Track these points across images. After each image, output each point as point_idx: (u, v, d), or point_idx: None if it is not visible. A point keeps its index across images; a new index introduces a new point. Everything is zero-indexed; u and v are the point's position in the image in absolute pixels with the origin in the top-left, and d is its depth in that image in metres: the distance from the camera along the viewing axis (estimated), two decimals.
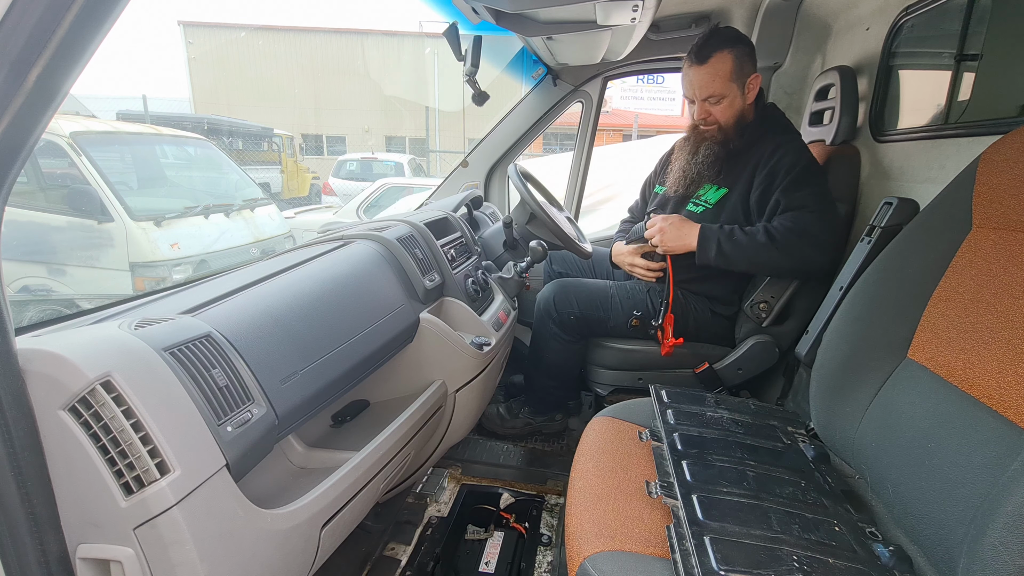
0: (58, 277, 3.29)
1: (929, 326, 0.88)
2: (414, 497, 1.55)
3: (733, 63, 1.46)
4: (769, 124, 1.55)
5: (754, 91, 1.52)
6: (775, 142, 1.50)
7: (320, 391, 0.91)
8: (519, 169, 1.76)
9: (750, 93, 1.52)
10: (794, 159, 1.45)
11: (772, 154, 1.48)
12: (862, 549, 0.75)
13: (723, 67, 1.47)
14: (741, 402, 1.15)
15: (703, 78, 1.49)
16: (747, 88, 1.51)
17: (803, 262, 1.42)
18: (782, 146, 1.48)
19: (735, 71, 1.47)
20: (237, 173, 4.60)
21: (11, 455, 0.58)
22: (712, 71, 1.47)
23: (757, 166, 1.51)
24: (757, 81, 1.51)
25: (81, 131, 3.40)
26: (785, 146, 1.48)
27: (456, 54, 1.70)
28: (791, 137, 1.53)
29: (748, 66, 1.49)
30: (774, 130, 1.54)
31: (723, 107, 1.51)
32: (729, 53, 1.46)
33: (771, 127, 1.55)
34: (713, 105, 1.51)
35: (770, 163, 1.48)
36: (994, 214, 0.83)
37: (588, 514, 0.85)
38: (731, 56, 1.46)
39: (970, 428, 0.73)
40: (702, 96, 1.52)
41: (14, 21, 0.48)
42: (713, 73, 1.47)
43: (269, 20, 22.00)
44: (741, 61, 1.47)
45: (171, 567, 0.64)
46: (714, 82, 1.48)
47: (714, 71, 1.47)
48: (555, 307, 1.65)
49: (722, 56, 1.46)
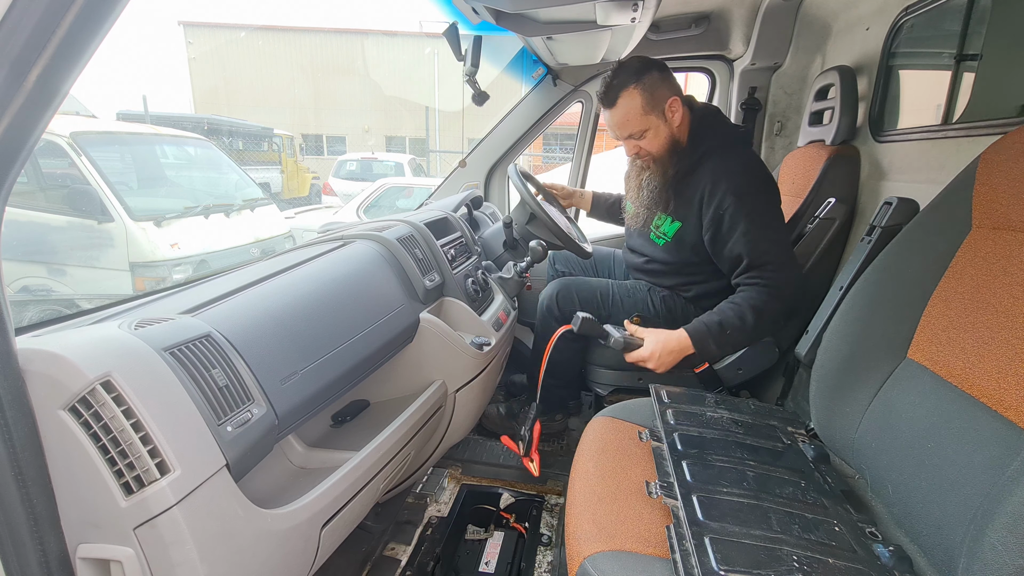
0: (58, 277, 3.29)
1: (929, 326, 0.88)
2: (414, 497, 1.55)
3: (642, 97, 1.42)
4: (705, 144, 1.49)
5: (677, 113, 1.46)
6: (712, 170, 1.45)
7: (320, 391, 0.91)
8: (519, 169, 1.76)
9: (673, 117, 1.46)
10: (736, 197, 1.40)
11: (713, 189, 1.43)
12: (862, 549, 0.75)
13: (633, 104, 1.43)
14: (741, 402, 1.15)
15: (617, 119, 1.47)
16: (668, 114, 1.46)
17: (785, 315, 1.48)
18: (721, 178, 1.42)
19: (646, 104, 1.43)
20: (237, 173, 4.60)
21: (11, 455, 0.58)
22: (623, 111, 1.44)
23: (702, 200, 1.46)
24: (677, 104, 1.45)
25: (81, 131, 3.40)
26: (723, 177, 1.42)
27: (456, 54, 1.70)
28: (727, 159, 1.46)
29: (661, 92, 1.44)
30: (710, 151, 1.48)
31: (648, 140, 1.48)
32: (635, 88, 1.42)
33: (707, 148, 1.48)
34: (638, 140, 1.48)
35: (713, 201, 1.43)
36: (994, 214, 0.83)
37: (588, 514, 0.85)
38: (638, 91, 1.42)
39: (970, 428, 0.73)
40: (622, 136, 1.50)
41: (14, 21, 0.48)
42: (625, 113, 1.44)
43: (269, 20, 22.00)
44: (651, 91, 1.42)
45: (171, 567, 0.64)
46: (628, 121, 1.45)
47: (625, 111, 1.44)
48: (557, 306, 1.65)
49: (628, 93, 1.42)
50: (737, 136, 1.53)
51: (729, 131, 1.53)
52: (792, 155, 1.81)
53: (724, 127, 1.54)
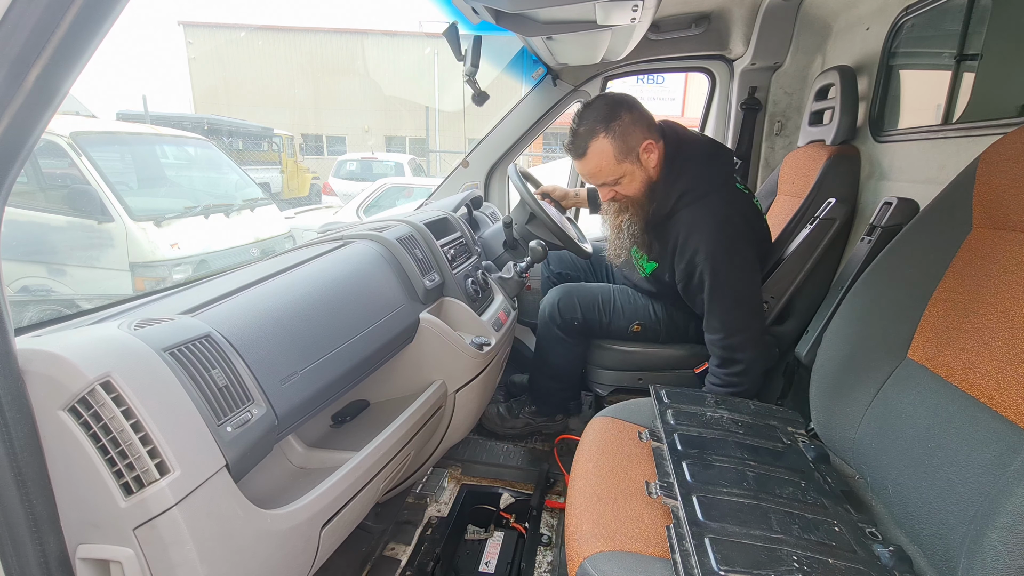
0: (58, 277, 3.29)
1: (929, 326, 0.87)
2: (414, 497, 1.55)
3: (613, 145, 1.33)
4: (680, 183, 1.39)
5: (653, 154, 1.37)
6: (687, 223, 1.37)
7: (320, 391, 0.91)
8: (519, 169, 1.76)
9: (649, 159, 1.37)
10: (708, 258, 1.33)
11: (685, 244, 1.37)
12: (862, 549, 0.75)
13: (604, 153, 1.34)
14: (741, 402, 1.15)
15: (589, 170, 1.38)
16: (643, 158, 1.37)
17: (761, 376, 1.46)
18: (693, 233, 1.35)
19: (619, 151, 1.34)
20: (237, 173, 4.60)
21: (11, 455, 0.58)
22: (595, 162, 1.36)
23: (675, 250, 1.40)
24: (651, 146, 1.36)
25: (81, 131, 3.40)
26: (696, 232, 1.35)
27: (456, 54, 1.70)
28: (702, 210, 1.37)
29: (634, 136, 1.34)
30: (686, 197, 1.38)
31: (624, 185, 1.39)
32: (604, 137, 1.32)
33: (683, 191, 1.39)
34: (613, 186, 1.40)
35: (685, 257, 1.37)
36: (994, 214, 0.83)
37: (588, 514, 0.85)
38: (607, 139, 1.32)
39: (970, 428, 0.73)
40: (596, 183, 1.42)
41: (14, 21, 0.48)
42: (596, 163, 1.36)
43: (269, 20, 21.98)
44: (623, 137, 1.33)
45: (171, 567, 0.64)
46: (601, 171, 1.37)
47: (597, 161, 1.35)
48: (559, 312, 1.66)
49: (598, 144, 1.33)
50: (714, 173, 1.42)
51: (704, 170, 1.41)
52: (792, 155, 1.81)
53: (699, 162, 1.42)
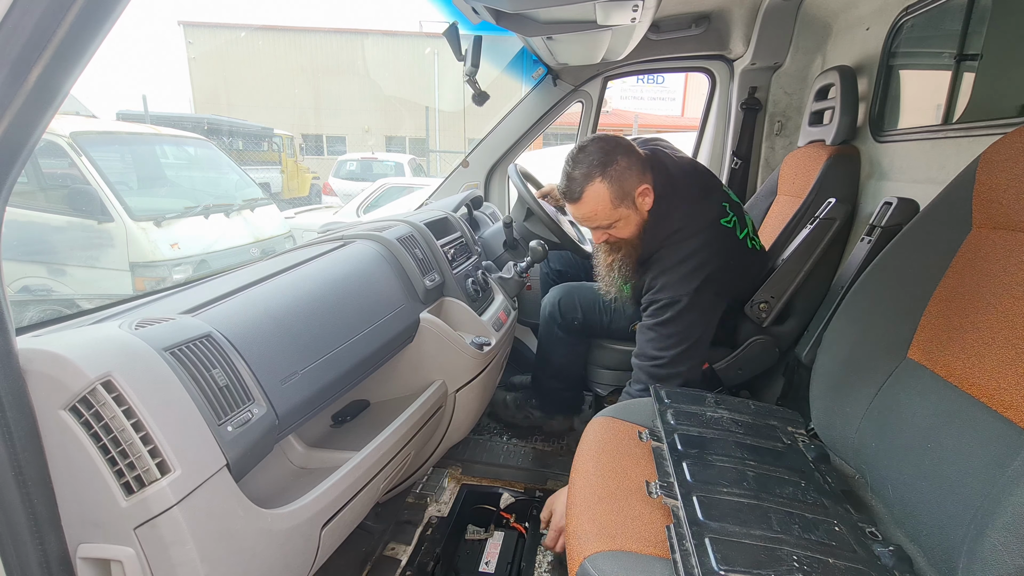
0: (58, 277, 3.29)
1: (929, 326, 0.88)
2: (414, 497, 1.55)
3: (610, 190, 1.27)
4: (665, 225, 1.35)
5: (648, 198, 1.32)
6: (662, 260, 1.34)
7: (320, 391, 0.91)
8: (519, 169, 1.76)
9: (644, 202, 1.32)
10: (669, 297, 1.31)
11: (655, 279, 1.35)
12: (862, 549, 0.75)
13: (600, 198, 1.28)
14: (741, 402, 1.15)
15: (584, 214, 1.33)
16: (638, 202, 1.31)
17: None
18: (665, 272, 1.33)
19: (615, 196, 1.28)
20: (237, 173, 4.60)
21: (12, 455, 0.58)
22: (591, 207, 1.30)
23: (644, 287, 1.39)
24: (647, 190, 1.31)
25: (81, 131, 3.40)
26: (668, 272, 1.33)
27: (456, 54, 1.70)
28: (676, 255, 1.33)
29: (631, 181, 1.29)
30: (670, 238, 1.35)
31: (619, 228, 1.35)
32: (601, 182, 1.27)
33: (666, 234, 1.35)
34: (608, 229, 1.36)
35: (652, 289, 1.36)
36: (994, 214, 0.83)
37: (588, 514, 0.86)
38: (604, 184, 1.27)
39: (970, 428, 0.73)
40: (591, 227, 1.38)
41: (14, 21, 0.48)
42: (592, 208, 1.30)
43: (269, 20, 21.99)
44: (620, 182, 1.28)
45: (171, 567, 0.64)
46: (596, 215, 1.32)
47: (593, 206, 1.30)
48: (560, 311, 1.66)
49: (594, 189, 1.28)
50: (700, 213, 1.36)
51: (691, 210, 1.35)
52: (792, 155, 1.81)
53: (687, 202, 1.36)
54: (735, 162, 2.22)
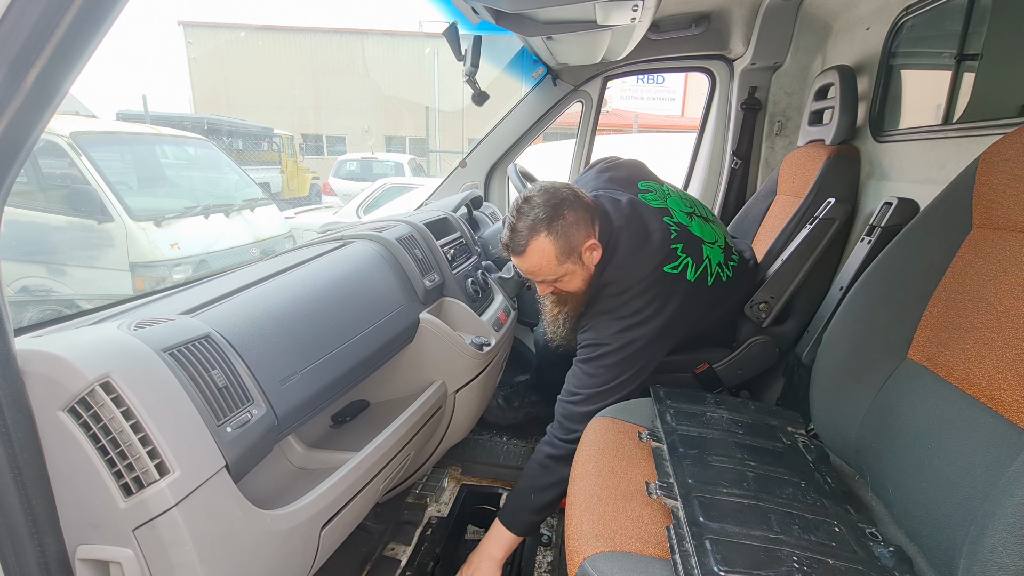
0: (58, 277, 3.29)
1: (929, 326, 0.87)
2: (414, 497, 1.55)
3: (554, 245, 1.20)
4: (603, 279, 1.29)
5: (596, 251, 1.25)
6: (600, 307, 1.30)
7: (320, 391, 0.91)
8: (519, 169, 1.76)
9: (592, 256, 1.25)
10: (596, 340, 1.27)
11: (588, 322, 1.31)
12: (862, 550, 0.75)
13: (545, 253, 1.21)
14: (741, 402, 1.15)
15: (528, 267, 1.25)
16: (585, 257, 1.25)
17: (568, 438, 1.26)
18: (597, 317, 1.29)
19: (560, 251, 1.21)
20: (237, 173, 4.60)
21: (10, 456, 0.58)
22: (534, 262, 1.23)
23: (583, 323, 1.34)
24: (595, 246, 1.25)
25: (81, 131, 3.40)
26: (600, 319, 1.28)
27: (456, 54, 1.70)
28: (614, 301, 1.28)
29: (577, 236, 1.21)
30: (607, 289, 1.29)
31: (565, 282, 1.28)
32: (546, 237, 1.19)
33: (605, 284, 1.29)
34: (553, 283, 1.29)
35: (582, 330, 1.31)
36: (994, 214, 0.83)
37: (588, 514, 0.85)
38: (549, 239, 1.19)
39: (970, 428, 0.72)
40: (537, 280, 1.30)
41: (13, 21, 0.48)
42: (537, 262, 1.23)
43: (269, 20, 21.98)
44: (566, 237, 1.20)
45: (171, 568, 0.64)
46: (541, 270, 1.25)
47: (537, 261, 1.23)
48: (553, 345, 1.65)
49: (539, 243, 1.20)
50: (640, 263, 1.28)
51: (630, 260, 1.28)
52: (792, 155, 1.81)
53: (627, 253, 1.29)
54: (735, 162, 2.23)
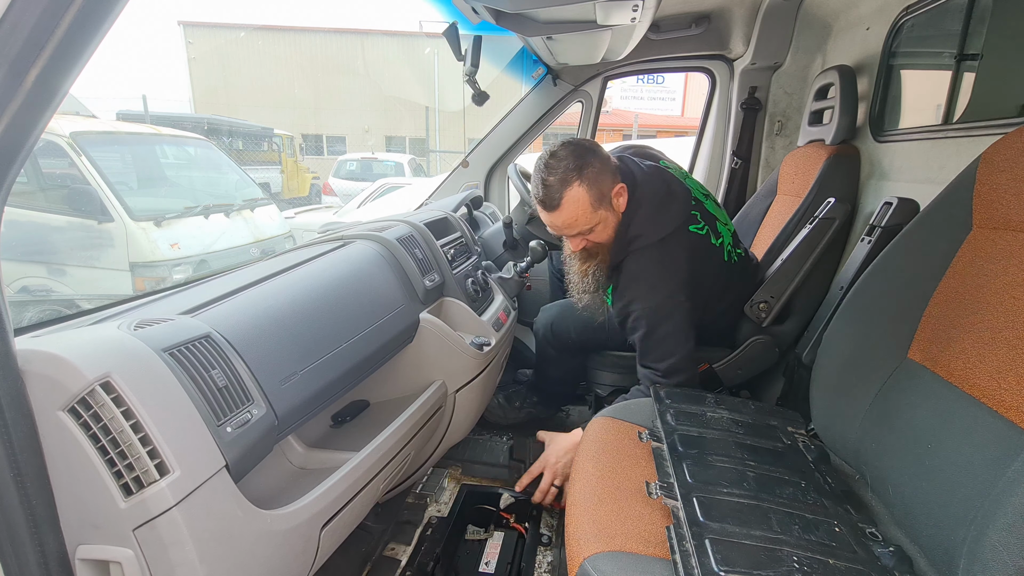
0: (58, 277, 3.29)
1: (929, 326, 0.87)
2: (414, 497, 1.55)
3: (588, 194, 1.22)
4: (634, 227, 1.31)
5: (623, 197, 1.28)
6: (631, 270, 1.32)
7: (320, 391, 0.91)
8: (519, 169, 1.76)
9: (620, 202, 1.29)
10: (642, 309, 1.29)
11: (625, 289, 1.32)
12: (862, 550, 0.75)
13: (580, 202, 1.23)
14: (741, 402, 1.15)
15: (564, 220, 1.27)
16: (614, 203, 1.28)
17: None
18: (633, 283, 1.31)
19: (594, 199, 1.23)
20: (237, 173, 4.60)
21: (10, 456, 0.58)
22: (570, 213, 1.24)
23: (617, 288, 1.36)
24: (622, 189, 1.28)
25: (81, 131, 3.40)
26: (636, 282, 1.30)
27: (456, 54, 1.70)
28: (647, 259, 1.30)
29: (606, 182, 1.25)
30: (636, 242, 1.31)
31: (598, 232, 1.30)
32: (579, 187, 1.22)
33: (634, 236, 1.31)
34: (587, 235, 1.31)
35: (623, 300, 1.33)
36: (994, 214, 0.83)
37: (588, 514, 0.85)
38: (583, 188, 1.22)
39: (970, 428, 0.72)
40: (570, 234, 1.32)
41: (13, 21, 0.48)
42: (572, 214, 1.24)
43: (269, 20, 21.97)
44: (598, 183, 1.23)
45: (171, 568, 0.64)
46: (577, 220, 1.26)
47: (572, 212, 1.24)
48: (552, 333, 1.67)
49: (572, 193, 1.22)
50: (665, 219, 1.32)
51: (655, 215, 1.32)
52: (792, 155, 1.81)
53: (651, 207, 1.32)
54: (735, 162, 2.23)
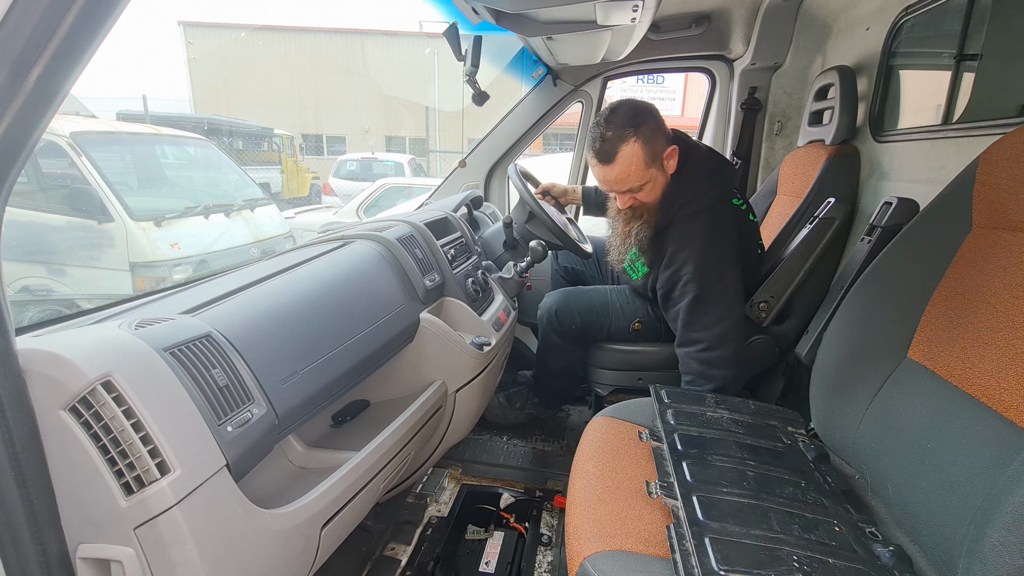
0: (58, 277, 3.29)
1: (929, 326, 0.88)
2: (414, 497, 1.55)
3: (643, 149, 1.28)
4: (683, 196, 1.37)
5: (673, 160, 1.35)
6: (681, 235, 1.36)
7: (320, 391, 0.91)
8: (519, 169, 1.76)
9: (670, 164, 1.35)
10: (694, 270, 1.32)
11: (675, 254, 1.35)
12: (862, 549, 0.75)
13: (634, 157, 1.28)
14: (741, 402, 1.15)
15: (617, 175, 1.32)
16: (666, 164, 1.34)
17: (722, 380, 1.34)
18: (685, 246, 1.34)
19: (648, 156, 1.29)
20: (237, 173, 4.60)
21: (11, 455, 0.58)
22: (624, 167, 1.30)
23: (664, 256, 1.39)
24: (674, 152, 1.34)
25: (81, 131, 3.40)
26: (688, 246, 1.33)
27: (456, 54, 1.70)
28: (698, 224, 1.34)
29: (660, 142, 1.31)
30: (685, 209, 1.36)
31: (646, 192, 1.35)
32: (635, 141, 1.27)
33: (684, 203, 1.36)
34: (636, 193, 1.36)
35: (673, 265, 1.36)
36: (994, 214, 0.83)
37: (588, 514, 0.86)
38: (638, 144, 1.28)
39: (970, 428, 0.73)
40: (621, 190, 1.37)
41: (14, 21, 0.48)
42: (626, 168, 1.30)
43: (269, 20, 21.97)
44: (652, 141, 1.29)
45: (171, 567, 0.64)
46: (629, 176, 1.32)
47: (626, 166, 1.30)
48: (556, 319, 1.66)
49: (628, 148, 1.28)
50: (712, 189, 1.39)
51: (704, 185, 1.38)
52: (792, 155, 1.81)
53: (701, 177, 1.39)
54: (735, 162, 2.23)
